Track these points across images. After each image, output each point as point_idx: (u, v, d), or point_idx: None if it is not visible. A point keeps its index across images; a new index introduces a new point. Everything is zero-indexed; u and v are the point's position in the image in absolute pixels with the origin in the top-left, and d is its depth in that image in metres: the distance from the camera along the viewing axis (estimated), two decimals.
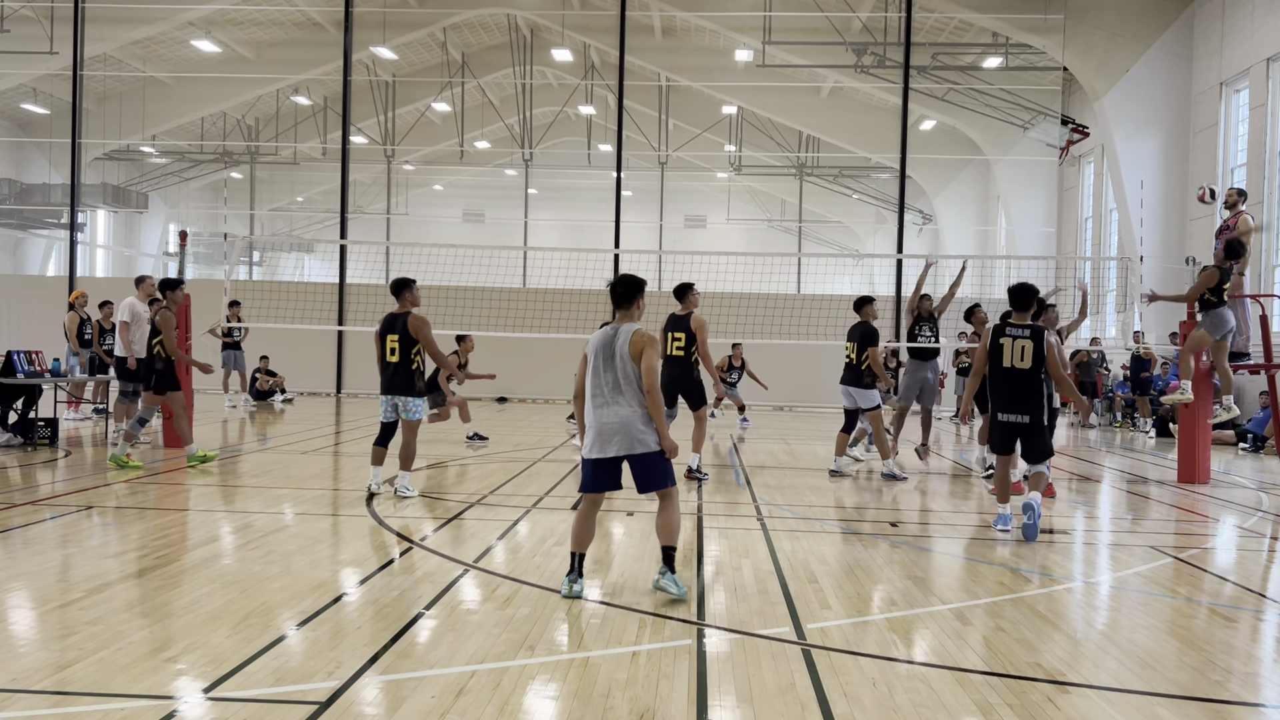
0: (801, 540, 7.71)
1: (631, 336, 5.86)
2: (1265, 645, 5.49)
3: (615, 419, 5.81)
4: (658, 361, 5.92)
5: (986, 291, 32.10)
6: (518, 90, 36.82)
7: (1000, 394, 8.10)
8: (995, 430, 8.20)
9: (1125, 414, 21.80)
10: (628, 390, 5.83)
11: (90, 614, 5.20)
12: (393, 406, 9.28)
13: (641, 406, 5.83)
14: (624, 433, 5.80)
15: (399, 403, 9.24)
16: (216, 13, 29.75)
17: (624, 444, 5.81)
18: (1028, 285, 8.19)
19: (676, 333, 10.71)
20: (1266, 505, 10.41)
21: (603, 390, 5.86)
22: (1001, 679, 4.57)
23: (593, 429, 5.88)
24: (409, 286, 9.32)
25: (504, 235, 44.53)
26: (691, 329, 10.61)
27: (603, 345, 5.90)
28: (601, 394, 5.87)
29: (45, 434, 12.69)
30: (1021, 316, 8.20)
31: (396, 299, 9.34)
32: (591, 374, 5.92)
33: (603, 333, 5.96)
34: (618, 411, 5.81)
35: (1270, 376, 12.05)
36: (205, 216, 45.20)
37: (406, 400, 9.21)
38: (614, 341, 5.88)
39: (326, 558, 6.79)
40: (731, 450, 14.39)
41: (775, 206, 46.00)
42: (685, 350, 10.66)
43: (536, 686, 4.34)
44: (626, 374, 5.82)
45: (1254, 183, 20.09)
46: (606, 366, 5.86)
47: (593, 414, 5.90)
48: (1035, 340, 8.06)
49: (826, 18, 26.28)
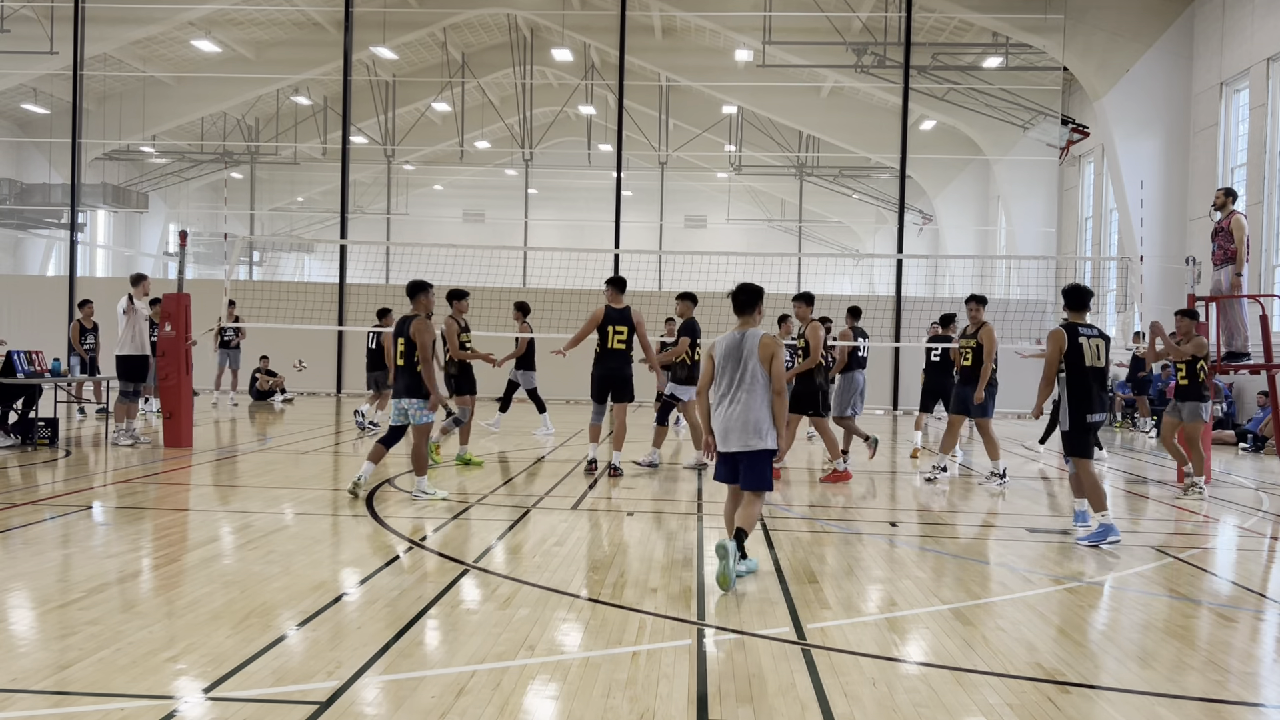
0: (801, 540, 7.71)
1: (760, 340, 6.36)
2: (1265, 645, 5.49)
3: (738, 417, 6.28)
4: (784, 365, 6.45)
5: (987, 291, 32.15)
6: (518, 90, 36.82)
7: (1086, 395, 7.95)
8: (1084, 432, 8.02)
9: (1125, 414, 21.81)
10: (754, 389, 6.28)
11: (90, 614, 5.20)
12: (402, 411, 9.19)
13: (765, 406, 6.27)
14: (743, 429, 6.26)
15: (406, 406, 9.16)
16: (216, 13, 29.75)
17: (740, 440, 6.27)
18: (1086, 286, 8.18)
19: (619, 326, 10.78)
20: (1266, 505, 10.41)
21: (729, 390, 6.36)
22: (1001, 679, 4.57)
23: (719, 425, 6.39)
24: (424, 290, 9.29)
25: (504, 235, 44.53)
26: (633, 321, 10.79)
27: (730, 348, 6.40)
28: (728, 393, 6.36)
29: (45, 434, 12.69)
30: (1081, 316, 8.13)
31: (411, 301, 9.32)
32: (718, 374, 6.43)
33: (730, 336, 6.46)
34: (741, 410, 6.28)
35: (1270, 376, 12.04)
36: (205, 216, 45.18)
37: (412, 403, 9.15)
38: (741, 345, 6.37)
39: (326, 558, 6.79)
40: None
41: (775, 206, 45.99)
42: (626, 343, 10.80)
43: (536, 686, 4.34)
44: (754, 375, 6.30)
45: (1254, 183, 20.09)
46: (734, 368, 6.34)
47: (718, 411, 6.41)
48: (1105, 340, 8.12)
49: (826, 18, 26.28)
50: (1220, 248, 12.13)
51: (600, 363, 10.93)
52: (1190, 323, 10.95)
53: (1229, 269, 12.08)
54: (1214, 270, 12.35)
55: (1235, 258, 11.98)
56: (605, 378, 10.91)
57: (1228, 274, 12.11)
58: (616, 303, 10.83)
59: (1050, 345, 8.02)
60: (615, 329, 10.69)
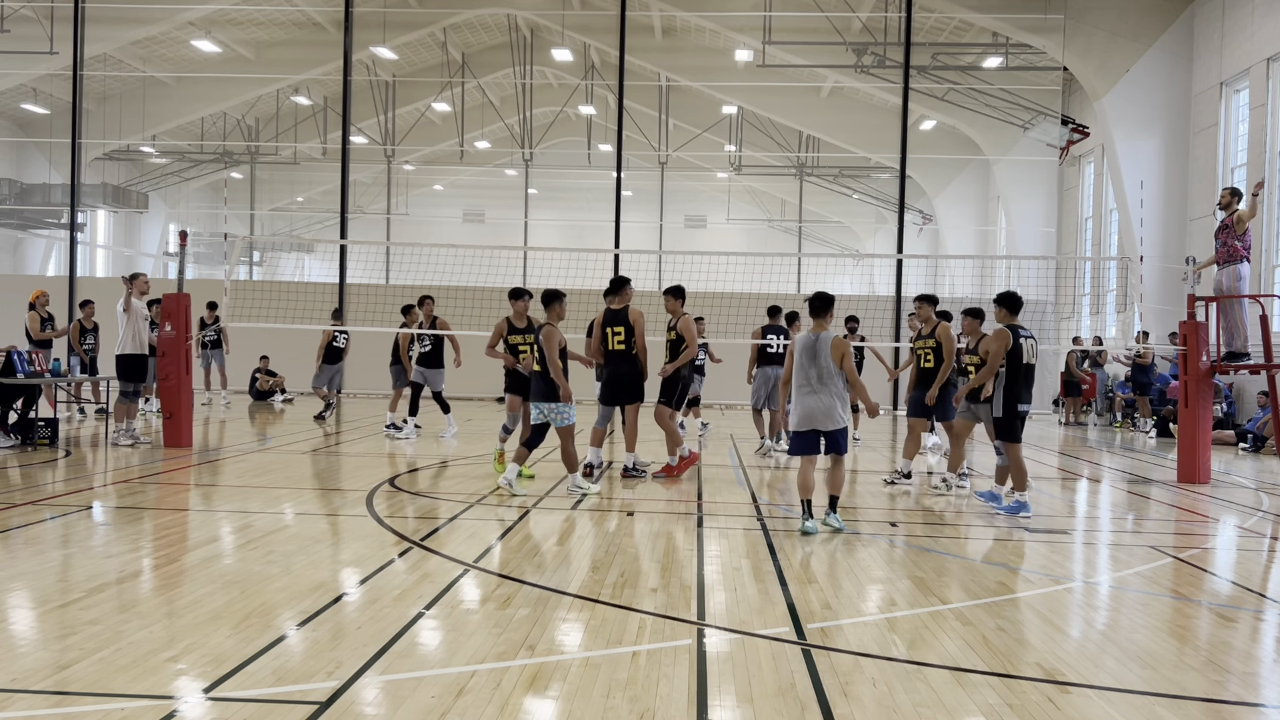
0: (801, 541, 7.71)
1: (832, 341, 7.93)
2: (1265, 645, 5.49)
3: (819, 404, 7.91)
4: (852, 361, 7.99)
5: (987, 291, 32.15)
6: (518, 90, 36.83)
7: (1023, 388, 8.98)
8: (1015, 419, 9.02)
9: (1125, 414, 21.81)
10: (828, 382, 7.91)
11: (90, 614, 5.20)
12: (542, 413, 9.49)
13: (838, 396, 7.91)
14: (827, 414, 7.90)
15: (546, 410, 9.43)
16: (216, 13, 29.74)
17: (827, 422, 7.90)
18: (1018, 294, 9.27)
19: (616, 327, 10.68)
20: (1266, 505, 10.41)
21: (809, 382, 7.96)
22: (1001, 679, 4.57)
23: (799, 409, 7.97)
24: (558, 299, 9.54)
25: (504, 235, 44.53)
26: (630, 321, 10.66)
27: (807, 347, 7.99)
28: (808, 384, 7.96)
29: (45, 434, 12.69)
30: (1015, 319, 9.18)
31: (545, 310, 9.52)
32: (798, 369, 8.00)
33: (805, 337, 8.04)
34: (820, 399, 7.90)
35: (1270, 376, 12.05)
36: (205, 216, 45.19)
37: (553, 407, 9.39)
38: (815, 345, 7.97)
39: (326, 558, 6.79)
40: (731, 450, 14.38)
41: (775, 206, 46.00)
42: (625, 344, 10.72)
43: (536, 686, 4.34)
44: (829, 370, 7.90)
45: (1254, 183, 20.07)
46: (811, 364, 7.94)
47: (799, 398, 7.99)
48: (1035, 340, 9.16)
49: (826, 18, 26.28)
50: (1224, 244, 12.14)
51: (604, 366, 10.90)
52: (976, 322, 10.69)
53: (1230, 269, 12.09)
54: (1215, 270, 12.36)
55: (1236, 256, 12.00)
56: (607, 381, 10.85)
57: (1229, 274, 12.12)
58: (614, 304, 10.77)
59: (997, 343, 8.94)
60: (612, 330, 10.66)
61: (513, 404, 11.18)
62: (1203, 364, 11.99)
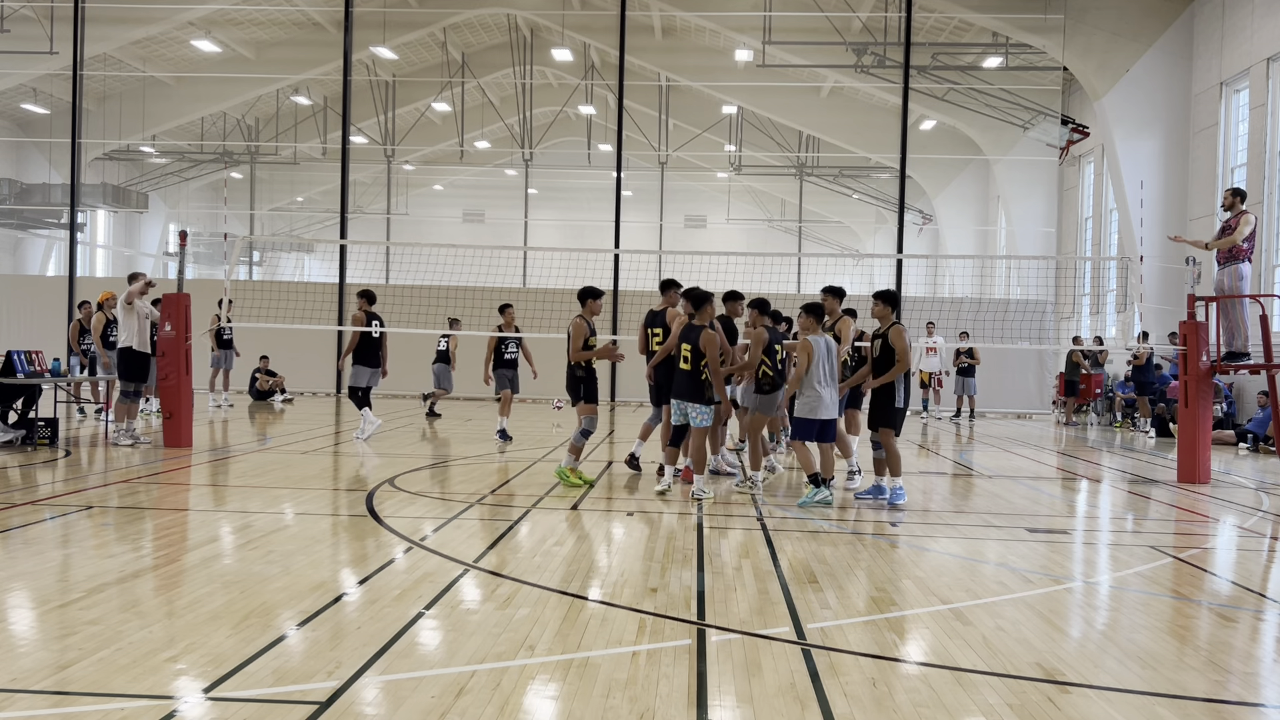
0: (801, 540, 7.71)
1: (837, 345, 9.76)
2: (1265, 645, 5.49)
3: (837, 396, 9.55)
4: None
5: (987, 291, 32.17)
6: (518, 90, 36.83)
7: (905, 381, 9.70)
8: (900, 417, 9.66)
9: (1125, 414, 21.81)
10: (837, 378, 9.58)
11: (90, 614, 5.20)
12: (683, 411, 9.62)
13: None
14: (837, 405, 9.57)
15: (687, 409, 9.56)
16: (216, 13, 29.75)
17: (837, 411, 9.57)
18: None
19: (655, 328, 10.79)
20: (1266, 505, 10.41)
21: (827, 376, 9.38)
22: (1001, 679, 4.56)
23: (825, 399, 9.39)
24: (709, 300, 9.57)
25: (504, 235, 44.53)
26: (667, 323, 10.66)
27: (827, 347, 9.47)
28: (823, 379, 9.35)
29: (45, 434, 12.69)
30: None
31: (696, 311, 9.48)
32: (817, 366, 9.31)
33: (827, 339, 9.54)
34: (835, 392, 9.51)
35: (1270, 376, 12.04)
36: (205, 216, 45.18)
37: (694, 406, 9.50)
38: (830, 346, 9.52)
39: (326, 558, 6.79)
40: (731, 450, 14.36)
41: (775, 206, 45.99)
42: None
43: (536, 686, 4.34)
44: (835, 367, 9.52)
45: (1254, 183, 20.08)
46: (828, 361, 9.40)
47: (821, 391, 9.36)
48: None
49: (826, 18, 26.28)
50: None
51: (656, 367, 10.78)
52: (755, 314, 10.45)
53: (1231, 268, 12.08)
54: (1216, 269, 12.35)
55: (1237, 255, 11.99)
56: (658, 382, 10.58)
57: (1230, 273, 12.11)
58: (658, 306, 10.96)
59: (899, 340, 9.47)
60: (652, 331, 10.85)
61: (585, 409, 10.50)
62: (1203, 364, 11.98)
